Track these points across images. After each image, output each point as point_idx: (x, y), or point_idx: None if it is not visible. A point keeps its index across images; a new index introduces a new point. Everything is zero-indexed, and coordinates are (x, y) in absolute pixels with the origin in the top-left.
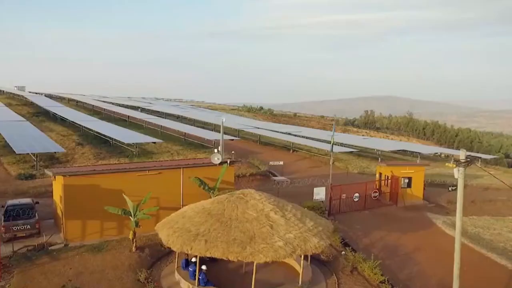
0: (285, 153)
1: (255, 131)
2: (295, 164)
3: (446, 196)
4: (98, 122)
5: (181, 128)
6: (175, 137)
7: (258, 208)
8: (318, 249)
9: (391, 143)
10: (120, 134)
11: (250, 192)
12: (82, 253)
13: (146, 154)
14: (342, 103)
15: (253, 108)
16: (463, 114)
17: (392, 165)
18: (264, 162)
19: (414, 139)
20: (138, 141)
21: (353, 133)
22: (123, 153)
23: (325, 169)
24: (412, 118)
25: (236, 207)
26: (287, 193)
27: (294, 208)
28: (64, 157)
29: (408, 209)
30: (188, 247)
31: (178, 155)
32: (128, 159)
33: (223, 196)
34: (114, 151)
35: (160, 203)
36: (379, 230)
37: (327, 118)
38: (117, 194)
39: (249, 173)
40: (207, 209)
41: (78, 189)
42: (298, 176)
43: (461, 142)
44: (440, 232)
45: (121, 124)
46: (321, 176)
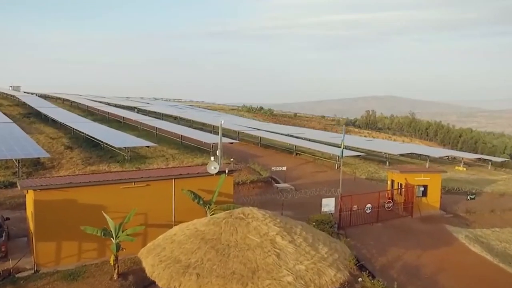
0: (288, 156)
1: (255, 133)
2: (299, 168)
3: (464, 205)
4: (90, 123)
5: (177, 130)
6: (171, 139)
7: (262, 232)
8: (336, 284)
9: (397, 145)
10: (112, 137)
11: (252, 211)
12: (54, 281)
13: (139, 159)
14: (342, 103)
15: (253, 108)
16: (463, 114)
17: (406, 172)
18: (266, 167)
19: (417, 139)
20: (130, 145)
21: (355, 134)
22: (114, 158)
23: (330, 174)
24: (415, 118)
25: (235, 231)
26: (292, 204)
27: (304, 229)
28: (50, 162)
29: (424, 220)
30: (177, 283)
31: (174, 160)
32: (119, 164)
33: (220, 216)
34: (104, 156)
35: (148, 220)
36: (396, 246)
37: (328, 118)
38: (97, 211)
39: (249, 180)
40: (201, 232)
41: (52, 205)
42: (302, 183)
43: (465, 143)
44: (464, 249)
45: (115, 126)
46: (327, 182)
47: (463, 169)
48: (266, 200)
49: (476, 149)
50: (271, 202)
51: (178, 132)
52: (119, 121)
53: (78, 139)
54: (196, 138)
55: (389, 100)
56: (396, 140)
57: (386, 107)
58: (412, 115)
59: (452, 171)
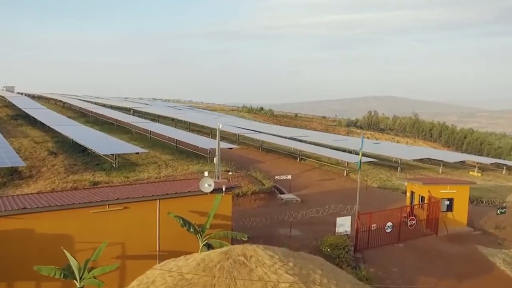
0: (291, 161)
1: (256, 136)
2: (304, 176)
3: (493, 220)
4: (79, 127)
5: (173, 134)
6: (165, 144)
7: (270, 284)
8: None
9: (406, 148)
10: (100, 142)
11: (255, 252)
12: None
13: (128, 166)
14: (342, 103)
15: (253, 109)
16: (463, 114)
17: (430, 184)
18: (268, 174)
19: (420, 141)
20: (118, 151)
21: (358, 135)
22: (101, 165)
23: (339, 183)
24: (418, 119)
25: (234, 283)
26: (301, 222)
27: (325, 274)
28: (29, 171)
29: (452, 240)
30: None
31: (167, 167)
32: (105, 173)
33: (214, 258)
34: (90, 163)
35: (126, 251)
36: (425, 274)
37: (329, 119)
38: (61, 242)
39: (251, 191)
40: (187, 282)
41: (1, 237)
42: (309, 193)
43: (470, 144)
44: (505, 277)
45: (107, 129)
46: (336, 192)
47: (478, 175)
48: (270, 211)
49: (481, 151)
50: (276, 223)
51: (173, 136)
52: (112, 123)
53: (65, 143)
54: (192, 143)
55: (389, 100)
56: (399, 141)
57: (386, 107)
58: (415, 115)
59: (466, 176)
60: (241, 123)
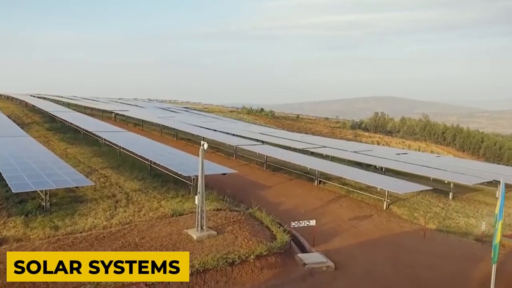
0: (307, 186)
1: (261, 151)
2: (328, 211)
3: None
4: (20, 139)
5: (146, 150)
6: (138, 162)
7: None
8: None
9: (450, 161)
10: (32, 166)
11: None
12: None
13: (68, 204)
14: (342, 103)
15: (253, 110)
16: (463, 114)
17: None
18: (278, 210)
19: (433, 145)
20: (51, 185)
21: (366, 139)
22: (23, 204)
23: (380, 224)
24: (429, 121)
25: None
26: None
27: None
28: None
29: None
30: None
31: (128, 204)
32: (23, 219)
33: None
34: (10, 199)
35: None
36: None
37: (332, 120)
38: None
39: (254, 254)
40: None
41: None
42: (341, 246)
43: (488, 149)
44: None
45: (69, 140)
46: (383, 245)
47: None
48: None
49: (502, 157)
50: None
51: (145, 154)
52: (79, 131)
53: None
54: (170, 167)
55: (389, 101)
56: (411, 146)
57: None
58: (425, 117)
59: None
60: (240, 129)
